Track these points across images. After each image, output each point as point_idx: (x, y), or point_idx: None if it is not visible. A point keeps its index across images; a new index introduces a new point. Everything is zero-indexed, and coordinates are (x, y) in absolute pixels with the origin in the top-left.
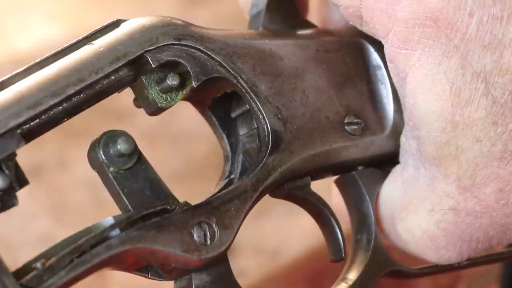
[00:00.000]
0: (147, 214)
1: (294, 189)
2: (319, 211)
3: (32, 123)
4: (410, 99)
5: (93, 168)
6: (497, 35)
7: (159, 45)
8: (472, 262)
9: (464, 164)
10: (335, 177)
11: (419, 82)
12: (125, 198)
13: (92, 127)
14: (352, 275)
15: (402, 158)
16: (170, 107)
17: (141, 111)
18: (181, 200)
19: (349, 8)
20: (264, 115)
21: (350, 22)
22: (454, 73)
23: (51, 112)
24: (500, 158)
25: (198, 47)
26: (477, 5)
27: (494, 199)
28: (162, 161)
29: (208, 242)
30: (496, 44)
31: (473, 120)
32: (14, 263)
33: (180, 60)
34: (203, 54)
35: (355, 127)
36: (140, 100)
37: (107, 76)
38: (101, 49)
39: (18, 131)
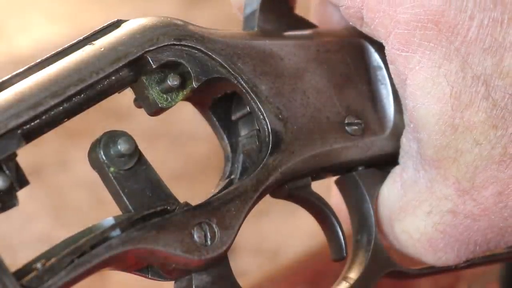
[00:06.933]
0: (147, 215)
1: (295, 189)
2: (320, 210)
3: (32, 124)
4: (410, 102)
5: (94, 168)
6: (498, 38)
7: (159, 46)
8: (471, 263)
9: (463, 166)
10: (335, 177)
11: (419, 85)
12: (125, 199)
13: (92, 127)
14: (353, 275)
15: (401, 159)
16: (170, 107)
17: (142, 111)
18: (181, 200)
19: (350, 8)
20: (265, 115)
21: (351, 23)
22: (454, 76)
23: (52, 113)
24: (499, 161)
25: (198, 47)
26: (477, 8)
27: (492, 202)
28: (162, 161)
29: (209, 242)
30: (496, 47)
31: (473, 123)
32: (14, 263)
33: (181, 61)
34: (203, 55)
35: (356, 127)
36: (141, 101)
37: (107, 76)
38: (102, 49)
39: (19, 131)
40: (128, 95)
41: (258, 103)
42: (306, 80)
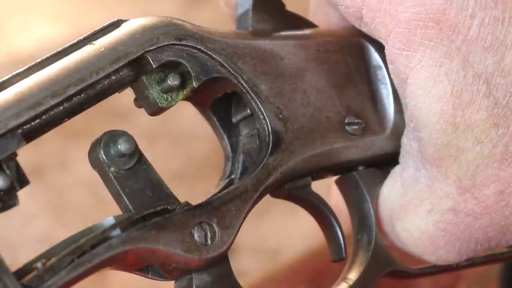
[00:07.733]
0: (148, 214)
1: (294, 189)
2: (320, 211)
3: (33, 123)
4: (410, 101)
5: (94, 168)
6: (499, 37)
7: (159, 45)
8: (472, 262)
9: (464, 165)
10: (336, 177)
11: (420, 84)
12: (125, 198)
13: (92, 127)
14: (353, 275)
15: (402, 158)
16: (170, 107)
17: (142, 111)
18: (181, 200)
19: (350, 8)
20: (265, 115)
21: (350, 22)
22: (455, 74)
23: (52, 112)
24: (501, 159)
25: (198, 47)
26: (478, 7)
27: (494, 201)
28: (163, 161)
29: (209, 242)
30: (497, 45)
31: (474, 121)
32: (14, 263)
33: (181, 60)
34: (203, 54)
35: (356, 127)
36: (141, 100)
37: (107, 76)
38: (102, 49)
39: (19, 131)
40: (128, 95)
41: (258, 103)
42: (306, 79)
